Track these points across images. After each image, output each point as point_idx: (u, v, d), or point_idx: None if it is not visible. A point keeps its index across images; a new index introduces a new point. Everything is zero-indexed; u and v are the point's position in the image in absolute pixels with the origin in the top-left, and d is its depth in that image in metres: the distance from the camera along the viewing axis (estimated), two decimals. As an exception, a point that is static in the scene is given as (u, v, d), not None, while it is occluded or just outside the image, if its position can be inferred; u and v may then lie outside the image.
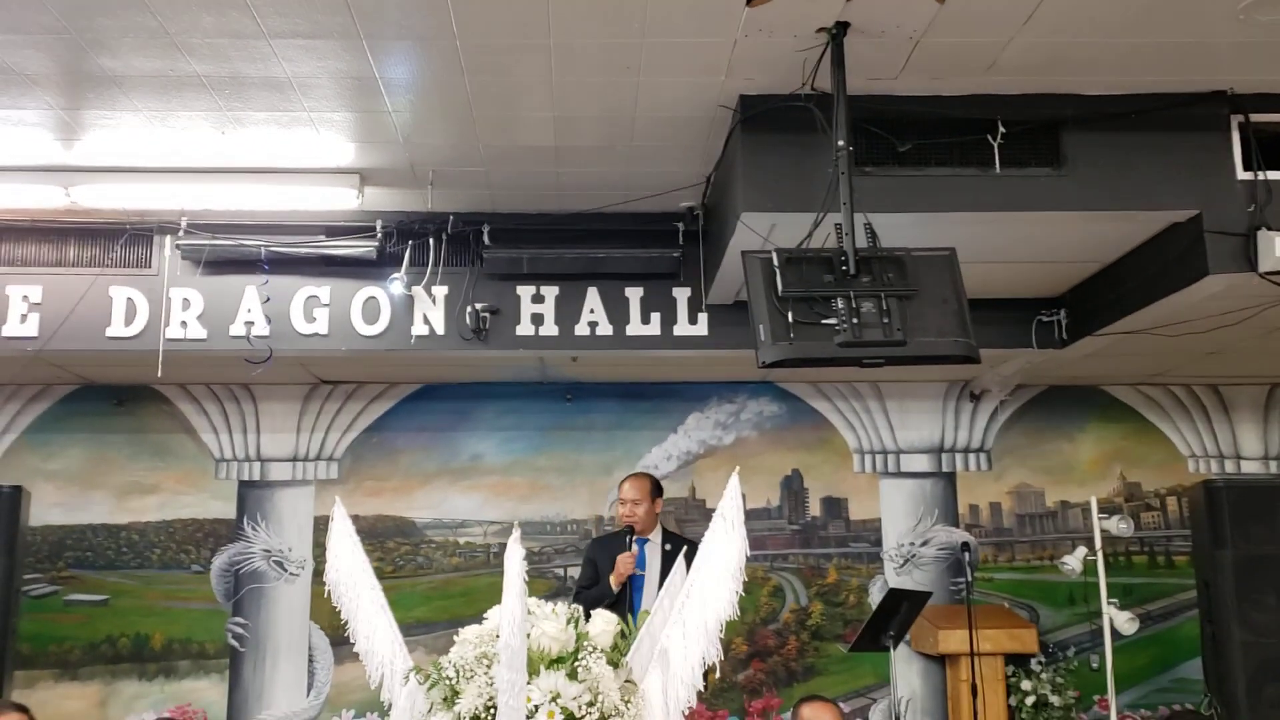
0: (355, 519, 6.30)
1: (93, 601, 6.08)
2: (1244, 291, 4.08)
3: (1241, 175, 3.92)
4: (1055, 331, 5.19)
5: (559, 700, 2.02)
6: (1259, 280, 3.85)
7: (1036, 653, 5.77)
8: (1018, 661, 5.77)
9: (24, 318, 5.05)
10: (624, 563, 4.65)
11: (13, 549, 4.99)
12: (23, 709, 4.12)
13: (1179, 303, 4.25)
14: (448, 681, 2.08)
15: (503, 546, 6.22)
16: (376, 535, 6.12)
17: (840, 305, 3.12)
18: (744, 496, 2.30)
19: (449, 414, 6.31)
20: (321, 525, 6.13)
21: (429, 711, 2.14)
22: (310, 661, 6.00)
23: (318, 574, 6.06)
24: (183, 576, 6.10)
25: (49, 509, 6.03)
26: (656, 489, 5.08)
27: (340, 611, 2.47)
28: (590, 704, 2.05)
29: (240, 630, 6.01)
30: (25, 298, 5.06)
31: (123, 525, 6.14)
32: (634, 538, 4.79)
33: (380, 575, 2.93)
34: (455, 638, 2.28)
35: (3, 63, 3.72)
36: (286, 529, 6.13)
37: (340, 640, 6.09)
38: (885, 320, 3.11)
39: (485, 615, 2.24)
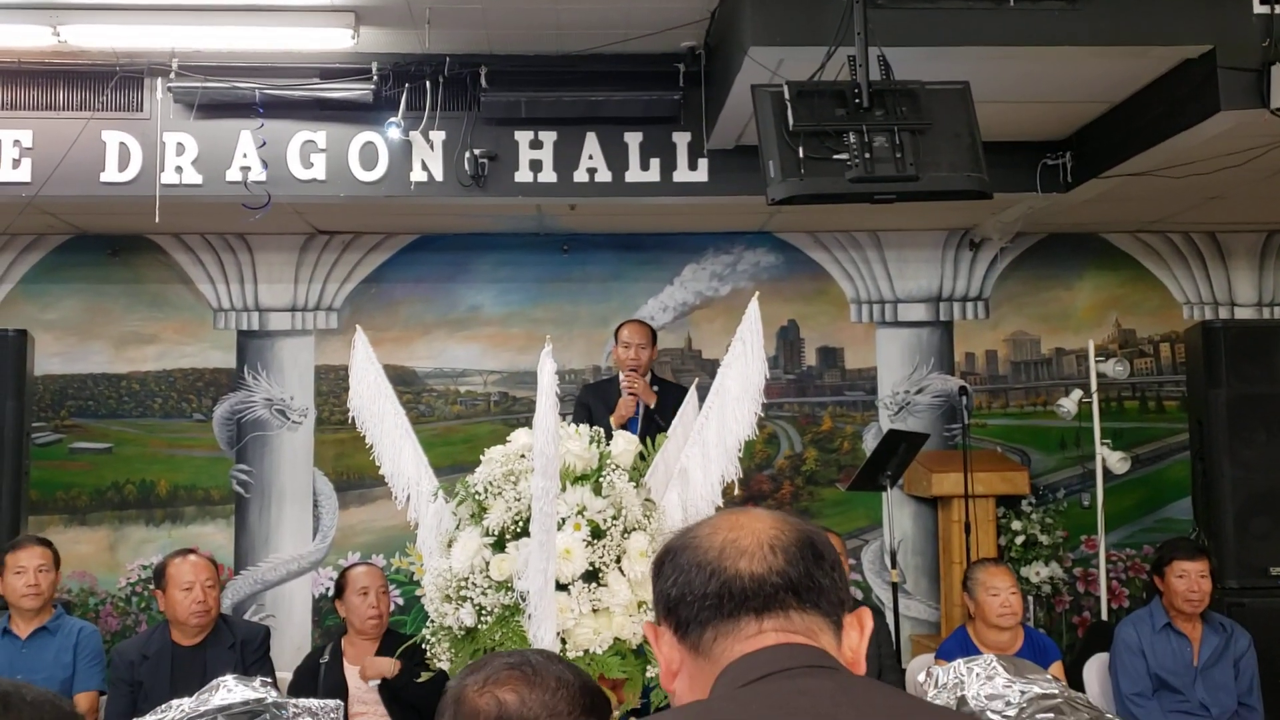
0: (357, 368, 6.35)
1: (97, 450, 6.16)
2: (1254, 130, 4.05)
3: (1258, 9, 3.84)
4: (1060, 175, 5.16)
5: (585, 513, 2.09)
6: (1269, 117, 3.82)
7: (1027, 494, 5.94)
8: (1008, 503, 5.95)
9: (16, 163, 4.96)
10: (626, 405, 4.73)
11: (21, 393, 5.01)
12: (46, 542, 4.23)
13: (1187, 142, 4.22)
14: (476, 498, 2.14)
15: (502, 395, 6.37)
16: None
17: (852, 140, 3.08)
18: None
19: (446, 265, 6.30)
20: (322, 374, 6.19)
21: (457, 527, 2.20)
22: (315, 506, 6.13)
23: (320, 422, 6.15)
24: (185, 425, 6.17)
25: (49, 359, 6.04)
26: (654, 337, 5.14)
27: (366, 438, 2.51)
28: (614, 517, 2.11)
29: (244, 477, 6.12)
30: (16, 142, 4.95)
31: (123, 375, 6.17)
32: (627, 382, 4.86)
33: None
34: (466, 479, 2.34)
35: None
36: (288, 378, 6.18)
37: (344, 486, 6.25)
38: (898, 155, 3.09)
39: (510, 436, 2.29)
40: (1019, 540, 5.87)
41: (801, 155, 3.10)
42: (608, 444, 2.27)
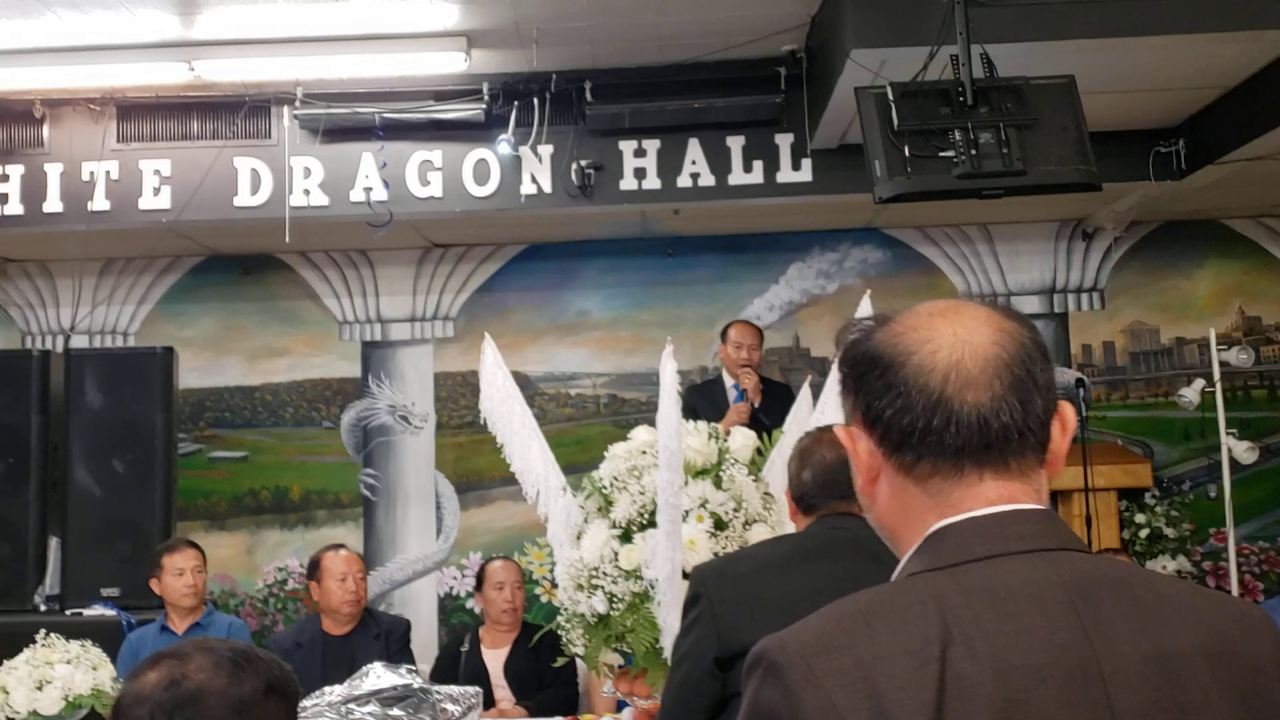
0: (473, 374, 6.58)
1: (234, 458, 6.50)
2: (1377, 109, 3.95)
3: (1377, -14, 3.74)
4: (1173, 162, 5.07)
5: (707, 505, 2.19)
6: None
7: (1150, 487, 5.82)
8: (1131, 496, 5.84)
9: (156, 191, 5.31)
10: (740, 412, 4.82)
11: (169, 405, 5.36)
12: (197, 545, 4.54)
13: (1306, 125, 4.13)
14: (602, 492, 2.26)
15: (611, 397, 6.51)
16: (494, 391, 6.37)
17: (958, 137, 3.12)
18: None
19: (554, 273, 6.47)
20: (441, 381, 6.42)
21: (585, 520, 2.33)
22: (438, 508, 6.36)
23: (440, 426, 6.38)
24: (315, 432, 6.47)
25: (188, 373, 6.38)
26: (762, 337, 5.23)
27: (497, 438, 2.65)
28: (735, 509, 2.21)
29: (371, 481, 6.39)
30: (157, 172, 5.30)
31: (256, 386, 6.50)
32: (737, 387, 4.97)
33: None
34: (592, 474, 2.46)
35: (124, -62, 3.85)
36: (409, 385, 6.43)
37: (464, 488, 6.48)
38: (1004, 150, 3.12)
39: (631, 434, 2.41)
40: (1143, 534, 5.76)
41: (907, 154, 3.15)
42: (726, 439, 2.37)
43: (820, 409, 2.34)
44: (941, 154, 3.15)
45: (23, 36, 4.65)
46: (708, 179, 5.24)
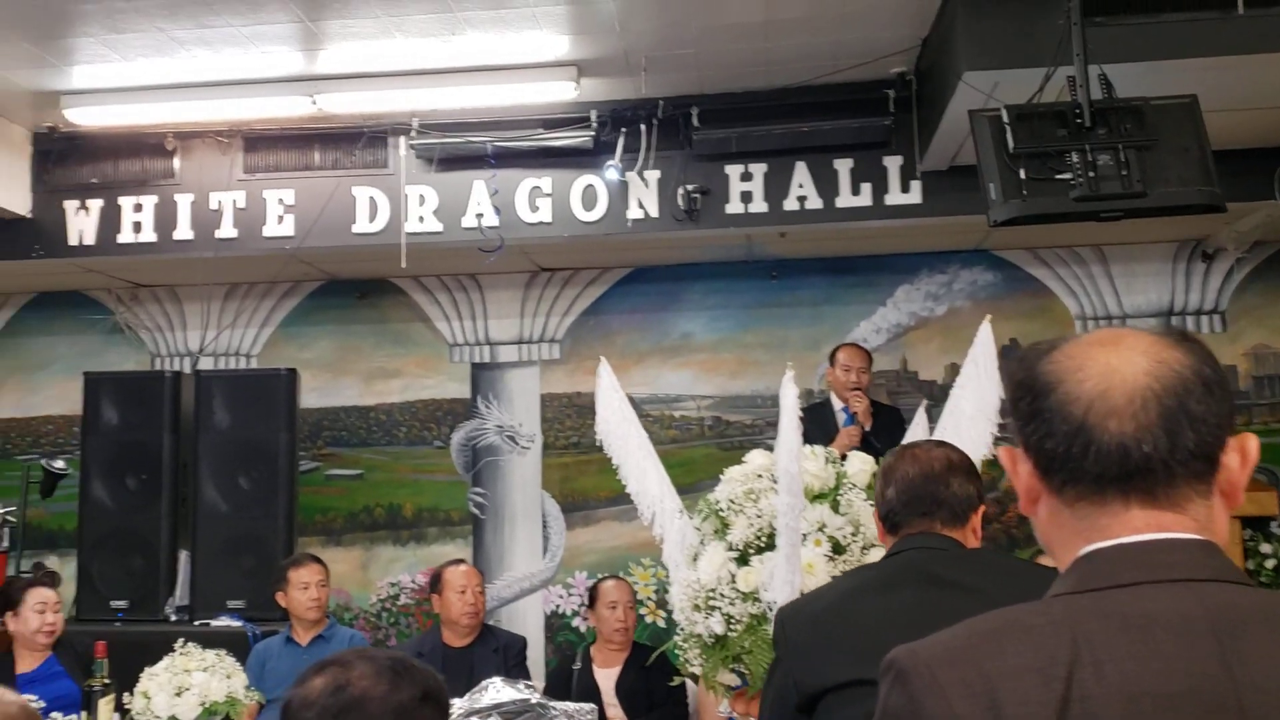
0: (578, 395, 6.68)
1: (350, 476, 6.71)
2: None
3: None
4: (1300, 181, 4.91)
5: (825, 529, 2.21)
6: None
7: (1276, 516, 5.60)
8: (1256, 525, 5.62)
9: (280, 219, 5.54)
10: (850, 435, 4.81)
11: (292, 425, 5.58)
12: (321, 560, 4.70)
13: None
14: (719, 515, 2.30)
15: (716, 420, 6.54)
16: (598, 411, 6.46)
17: (1075, 159, 3.09)
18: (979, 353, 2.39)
19: (659, 295, 6.53)
20: (547, 402, 6.53)
21: (701, 542, 2.37)
22: (544, 527, 6.46)
23: (546, 447, 6.49)
24: (426, 451, 6.64)
25: (306, 394, 6.61)
26: (871, 360, 5.20)
27: (611, 459, 2.71)
28: (853, 534, 2.22)
29: (480, 499, 6.52)
30: (280, 200, 5.54)
31: (371, 406, 6.71)
32: (846, 410, 4.95)
33: (602, 447, 3.19)
34: (708, 496, 2.50)
35: (256, -20, 4.06)
36: (516, 406, 6.56)
37: (570, 507, 6.57)
38: (1124, 172, 3.07)
39: (745, 457, 2.44)
40: (1269, 564, 5.54)
41: (1023, 176, 3.13)
42: (843, 463, 2.39)
43: (939, 432, 2.34)
44: (1058, 176, 3.12)
45: (158, 74, 4.92)
46: (815, 202, 5.25)
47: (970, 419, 2.25)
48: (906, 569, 1.88)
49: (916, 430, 2.52)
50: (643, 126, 5.26)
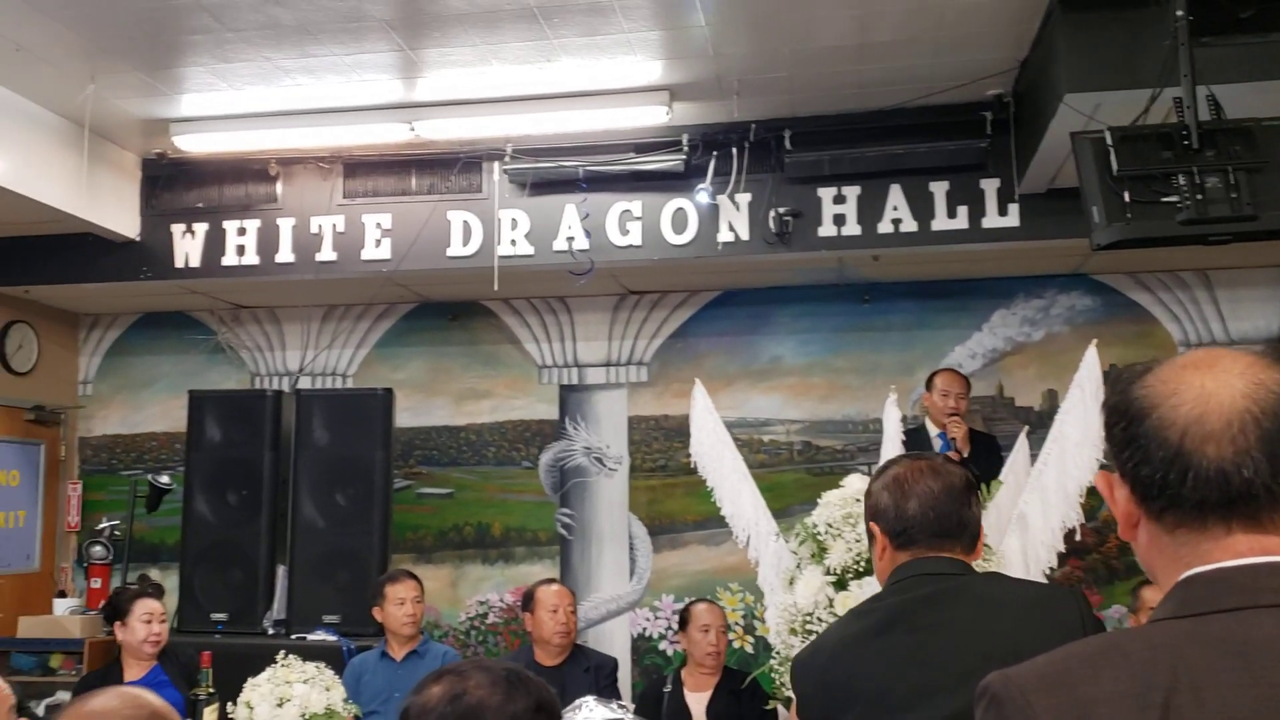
0: (665, 418, 6.67)
1: (440, 494, 6.81)
2: None
3: None
4: None
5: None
6: None
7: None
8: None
9: (378, 242, 5.68)
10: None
11: (388, 443, 5.70)
12: (416, 576, 4.78)
13: None
14: (816, 539, 2.28)
15: (805, 444, 6.49)
16: (686, 434, 6.44)
17: (1182, 182, 3.01)
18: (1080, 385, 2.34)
19: (748, 318, 6.51)
20: (635, 424, 6.55)
21: (797, 566, 2.35)
22: (631, 549, 6.47)
23: (633, 469, 6.50)
24: (515, 472, 6.71)
25: (400, 413, 6.75)
26: (968, 385, 5.12)
27: (704, 481, 2.72)
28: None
29: (567, 520, 6.56)
30: (378, 225, 5.68)
31: (461, 426, 6.81)
32: (943, 436, 4.87)
33: (690, 471, 3.19)
34: (805, 520, 2.48)
35: (357, 10, 4.18)
36: (604, 428, 6.59)
37: (656, 530, 6.57)
38: (1233, 195, 2.98)
39: (843, 481, 2.42)
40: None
41: (1127, 199, 3.06)
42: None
43: (1044, 458, 2.29)
44: (1164, 199, 3.04)
45: (263, 102, 5.09)
46: (910, 225, 5.20)
47: (1076, 445, 2.20)
48: (911, 606, 1.78)
49: (1018, 458, 2.47)
50: (734, 150, 5.27)
